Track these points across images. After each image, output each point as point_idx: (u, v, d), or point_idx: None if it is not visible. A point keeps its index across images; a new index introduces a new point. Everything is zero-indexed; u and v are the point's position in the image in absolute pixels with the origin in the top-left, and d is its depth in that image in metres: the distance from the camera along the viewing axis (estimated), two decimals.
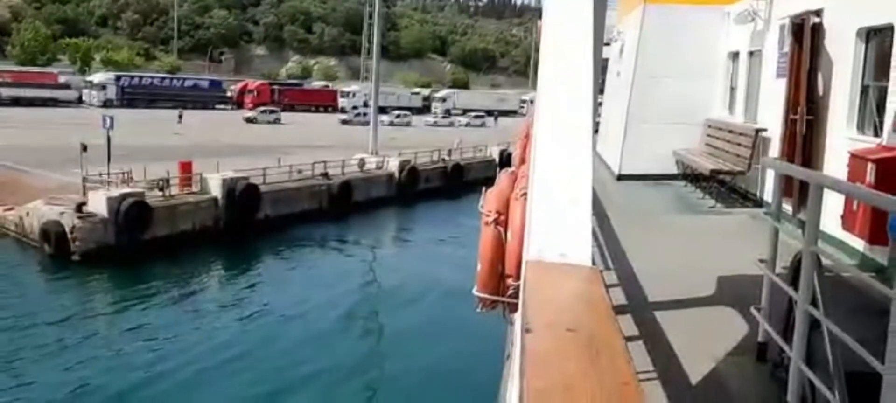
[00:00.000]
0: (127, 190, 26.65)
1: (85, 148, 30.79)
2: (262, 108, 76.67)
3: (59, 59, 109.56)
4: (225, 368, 17.13)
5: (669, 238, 8.80)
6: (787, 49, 9.50)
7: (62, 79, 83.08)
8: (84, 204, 25.56)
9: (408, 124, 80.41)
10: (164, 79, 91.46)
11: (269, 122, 71.76)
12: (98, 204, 25.49)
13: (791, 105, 8.97)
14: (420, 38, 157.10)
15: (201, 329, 19.95)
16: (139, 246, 25.62)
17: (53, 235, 24.82)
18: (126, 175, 29.26)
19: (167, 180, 28.52)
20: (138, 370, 16.74)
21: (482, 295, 4.00)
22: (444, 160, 45.00)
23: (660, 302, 5.69)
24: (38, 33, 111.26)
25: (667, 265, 6.98)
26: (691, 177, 12.35)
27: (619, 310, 5.37)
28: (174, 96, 79.92)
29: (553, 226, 2.15)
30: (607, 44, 16.19)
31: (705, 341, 4.87)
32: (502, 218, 3.91)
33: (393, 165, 40.03)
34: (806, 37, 8.78)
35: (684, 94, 12.87)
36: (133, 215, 25.76)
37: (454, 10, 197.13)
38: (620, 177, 13.12)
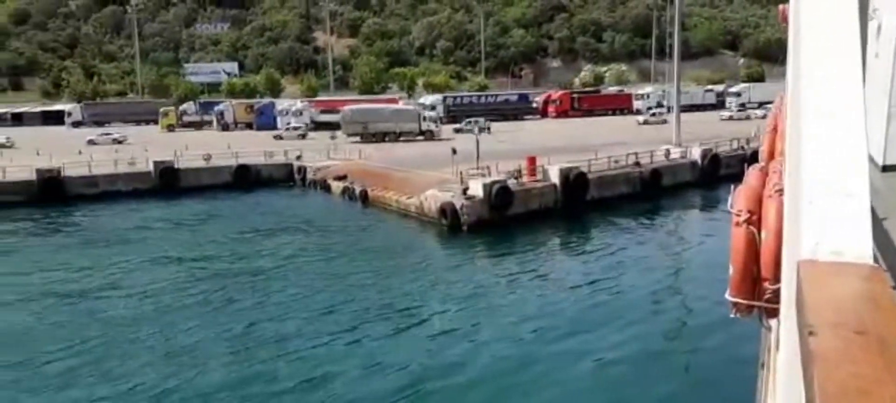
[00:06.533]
0: (495, 178, 35.95)
1: (454, 151, 41.51)
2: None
3: (389, 87, 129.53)
4: (564, 305, 22.83)
5: None
6: None
7: (401, 103, 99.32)
8: (467, 189, 35.19)
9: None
10: (480, 96, 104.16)
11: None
12: (477, 189, 34.70)
13: None
14: (710, 35, 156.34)
15: (554, 276, 26.84)
16: (505, 220, 34.05)
17: (449, 212, 34.50)
18: (487, 168, 38.96)
19: (520, 171, 37.54)
20: (518, 304, 23.23)
21: (737, 299, 3.82)
22: (742, 148, 49.38)
23: None
24: (372, 66, 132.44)
25: None
26: None
27: None
28: (490, 110, 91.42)
29: (826, 223, 1.97)
30: None
31: None
32: (755, 217, 3.69)
33: (696, 154, 45.68)
34: None
35: None
36: (500, 197, 34.52)
37: (744, 2, 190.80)
38: (885, 169, 13.39)
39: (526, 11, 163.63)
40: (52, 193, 45.43)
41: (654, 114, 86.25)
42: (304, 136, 76.56)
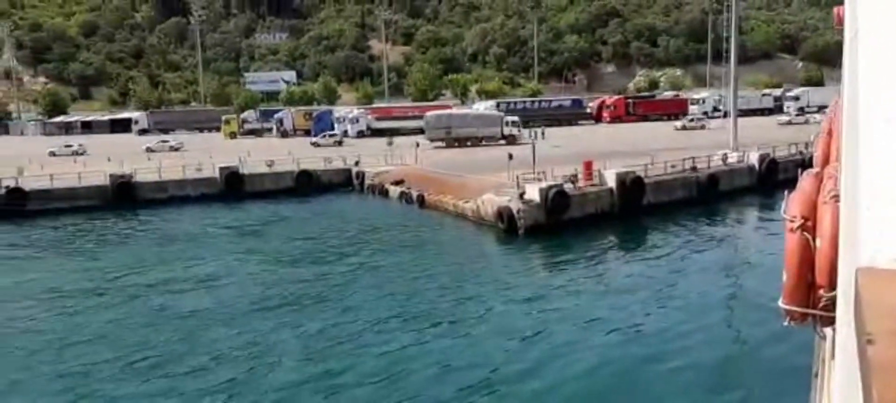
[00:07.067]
0: (551, 182, 36.49)
1: (511, 156, 42.22)
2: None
3: (443, 93, 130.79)
4: (621, 310, 23.73)
5: None
6: None
7: (454, 110, 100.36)
8: (524, 193, 35.81)
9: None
10: (534, 101, 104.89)
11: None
12: (533, 193, 35.19)
13: None
14: (767, 38, 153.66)
15: (611, 281, 27.32)
16: (561, 224, 34.54)
17: (506, 216, 35.14)
18: (542, 173, 39.51)
19: (576, 175, 38.02)
20: (577, 308, 24.05)
21: (790, 307, 3.69)
22: (801, 153, 48.82)
23: None
24: (426, 73, 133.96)
25: None
26: None
27: None
28: (544, 116, 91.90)
29: (886, 229, 1.89)
30: None
31: None
32: (809, 223, 3.57)
33: (753, 158, 45.42)
34: None
35: None
36: (557, 201, 34.92)
37: (802, 4, 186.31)
38: None
39: (579, 17, 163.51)
40: (124, 197, 47.74)
41: (691, 120, 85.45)
42: (340, 143, 78.21)
